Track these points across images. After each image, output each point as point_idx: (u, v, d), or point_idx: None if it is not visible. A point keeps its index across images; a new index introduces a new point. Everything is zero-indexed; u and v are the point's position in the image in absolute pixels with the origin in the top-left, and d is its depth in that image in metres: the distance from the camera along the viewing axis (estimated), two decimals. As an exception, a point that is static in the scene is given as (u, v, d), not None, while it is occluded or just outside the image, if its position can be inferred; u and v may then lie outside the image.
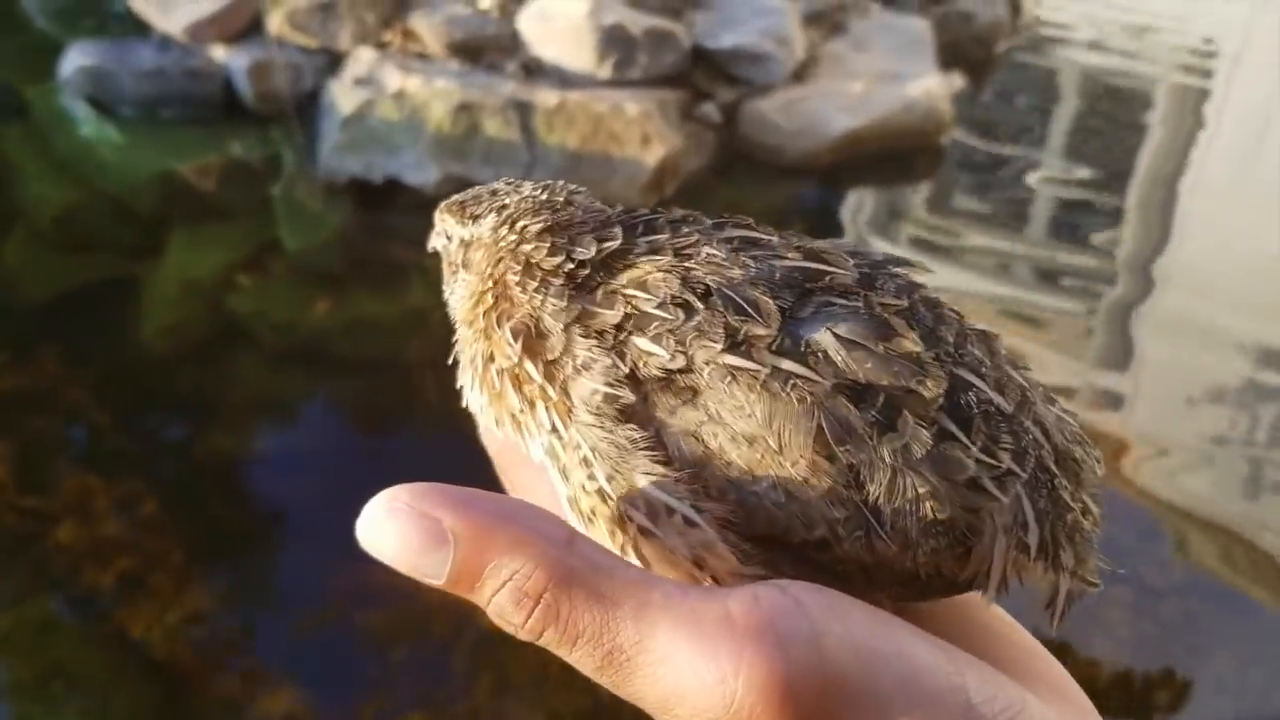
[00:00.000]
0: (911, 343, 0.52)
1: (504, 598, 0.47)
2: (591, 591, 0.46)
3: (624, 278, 0.56)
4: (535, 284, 0.57)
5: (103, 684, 2.76)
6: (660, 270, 0.55)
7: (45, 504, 3.27)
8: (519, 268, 0.58)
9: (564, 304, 0.55)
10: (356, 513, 0.51)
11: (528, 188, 0.63)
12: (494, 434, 0.62)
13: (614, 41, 4.82)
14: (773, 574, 0.52)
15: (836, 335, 0.52)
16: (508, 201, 0.62)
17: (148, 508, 3.32)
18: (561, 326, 0.56)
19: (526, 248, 0.59)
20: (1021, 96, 6.30)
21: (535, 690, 2.62)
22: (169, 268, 4.44)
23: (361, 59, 4.92)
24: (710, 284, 0.53)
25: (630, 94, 4.71)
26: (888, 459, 0.50)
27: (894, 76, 5.33)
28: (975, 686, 0.47)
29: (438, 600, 2.96)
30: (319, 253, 4.59)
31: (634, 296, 0.54)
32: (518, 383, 0.57)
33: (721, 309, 0.53)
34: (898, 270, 0.58)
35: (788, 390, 0.51)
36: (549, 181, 0.64)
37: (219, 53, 5.20)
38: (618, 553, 0.54)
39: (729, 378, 0.51)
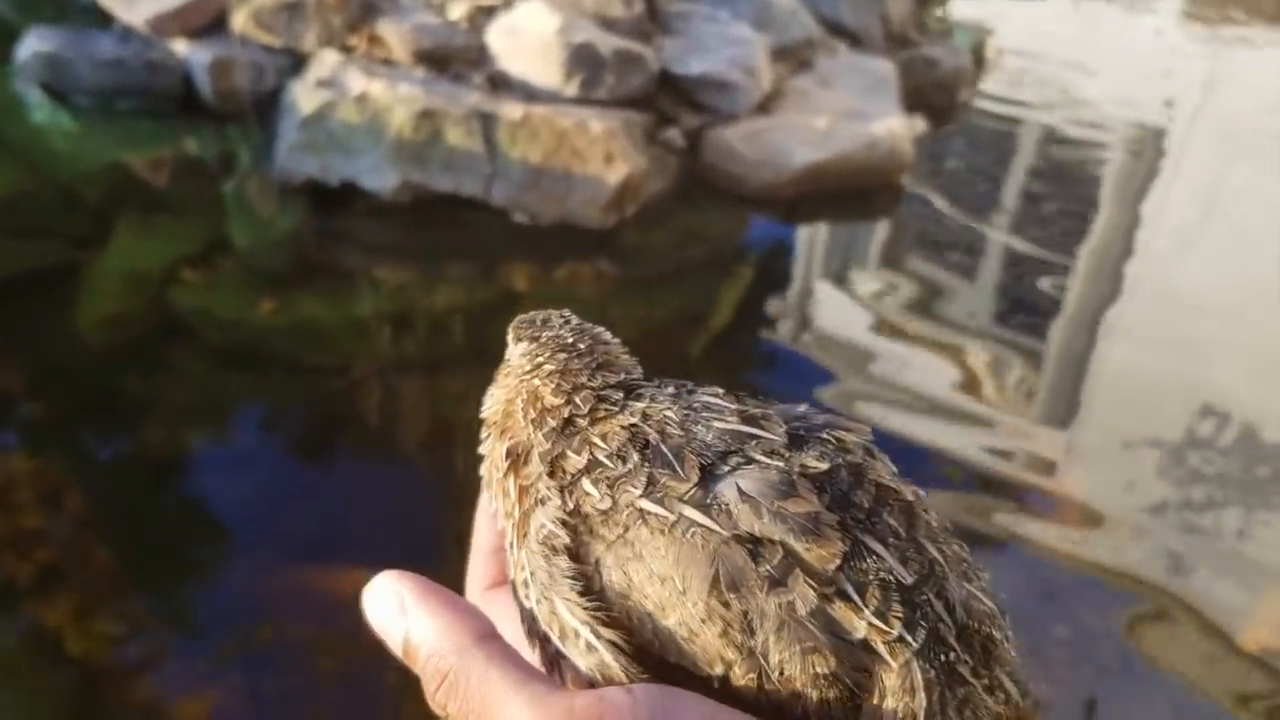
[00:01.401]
0: (809, 504, 0.57)
1: (425, 671, 0.60)
2: (481, 682, 0.57)
3: (598, 428, 0.63)
4: (535, 416, 0.65)
5: (12, 669, 2.66)
6: (622, 426, 0.62)
7: (-36, 491, 3.18)
8: (528, 397, 0.66)
9: (549, 445, 0.63)
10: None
11: (557, 324, 0.71)
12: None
13: (582, 60, 4.80)
14: None
15: (740, 490, 0.57)
16: (542, 335, 0.70)
17: (74, 501, 3.22)
18: (540, 462, 0.63)
19: (536, 383, 0.67)
20: (979, 146, 6.36)
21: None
22: (113, 258, 4.35)
23: (325, 61, 4.86)
24: (651, 440, 0.61)
25: (595, 112, 4.67)
26: (773, 611, 0.55)
27: (858, 114, 5.35)
28: None
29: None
30: (268, 253, 4.51)
31: (596, 445, 0.62)
32: (504, 492, 0.65)
33: (651, 461, 0.59)
34: (833, 435, 0.63)
35: (689, 536, 0.56)
36: (587, 326, 0.72)
37: (180, 46, 5.12)
38: (536, 662, 0.62)
39: (640, 520, 0.58)
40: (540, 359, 0.69)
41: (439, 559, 3.07)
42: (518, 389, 0.68)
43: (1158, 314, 4.55)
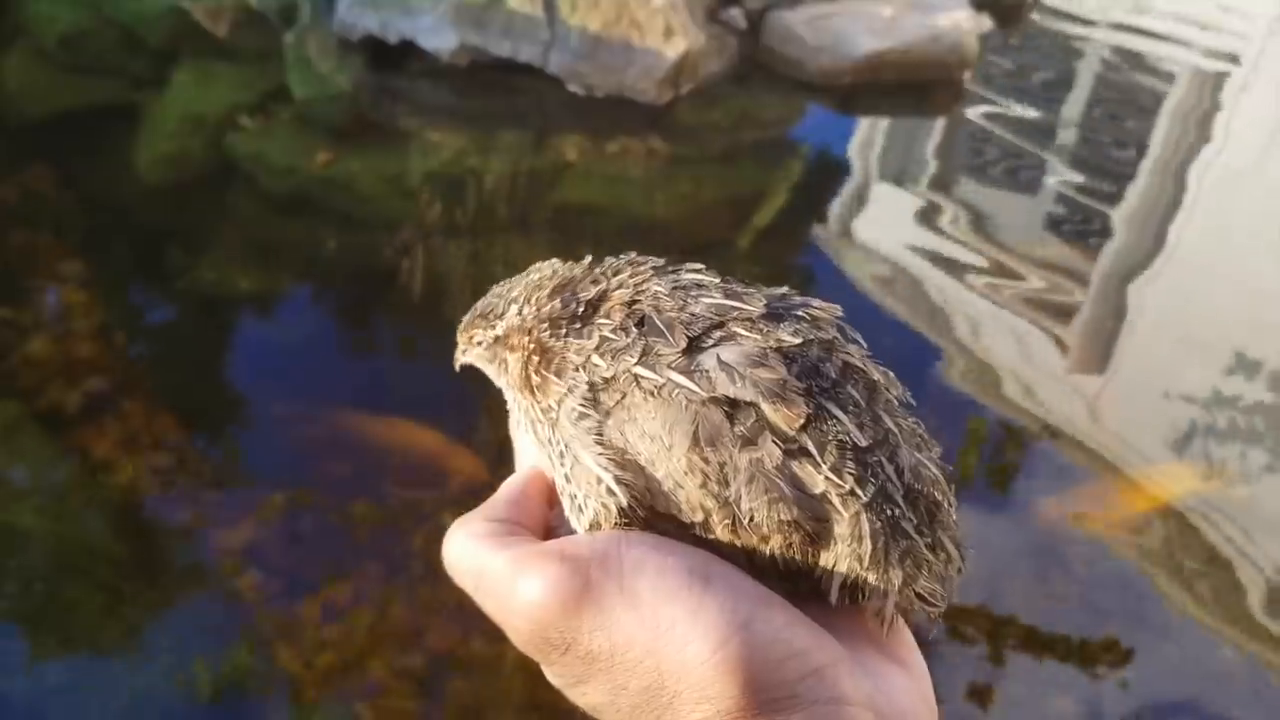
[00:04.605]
0: (778, 372, 0.63)
1: (456, 578, 0.68)
2: (474, 557, 0.66)
3: (601, 311, 0.70)
4: (563, 331, 0.70)
5: (61, 488, 2.76)
6: (621, 303, 0.69)
7: (19, 316, 3.25)
8: (547, 326, 0.72)
9: (582, 340, 0.69)
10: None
11: (520, 280, 0.78)
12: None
13: (649, -69, 4.73)
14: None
15: (719, 359, 0.64)
16: (516, 294, 0.76)
17: (124, 335, 3.30)
18: (569, 359, 0.69)
19: (546, 310, 0.73)
20: (1043, 54, 6.20)
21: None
22: (172, 101, 4.38)
23: (391, -84, 4.81)
24: (646, 314, 0.67)
25: (658, -15, 4.62)
26: (745, 465, 0.62)
27: (924, 5, 5.25)
28: (761, 618, 0.60)
29: (397, 464, 2.97)
30: (325, 106, 4.52)
31: (602, 324, 0.69)
32: (542, 398, 0.71)
33: (646, 333, 0.66)
34: (808, 312, 0.69)
35: (674, 397, 0.63)
36: (533, 266, 0.78)
37: (245, -107, 5.07)
38: (569, 512, 0.70)
39: (634, 384, 0.65)
40: (534, 298, 0.75)
41: (473, 415, 3.14)
42: (530, 335, 0.73)
43: (1205, 255, 4.46)
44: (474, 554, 0.66)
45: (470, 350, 0.81)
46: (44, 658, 2.40)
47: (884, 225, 4.34)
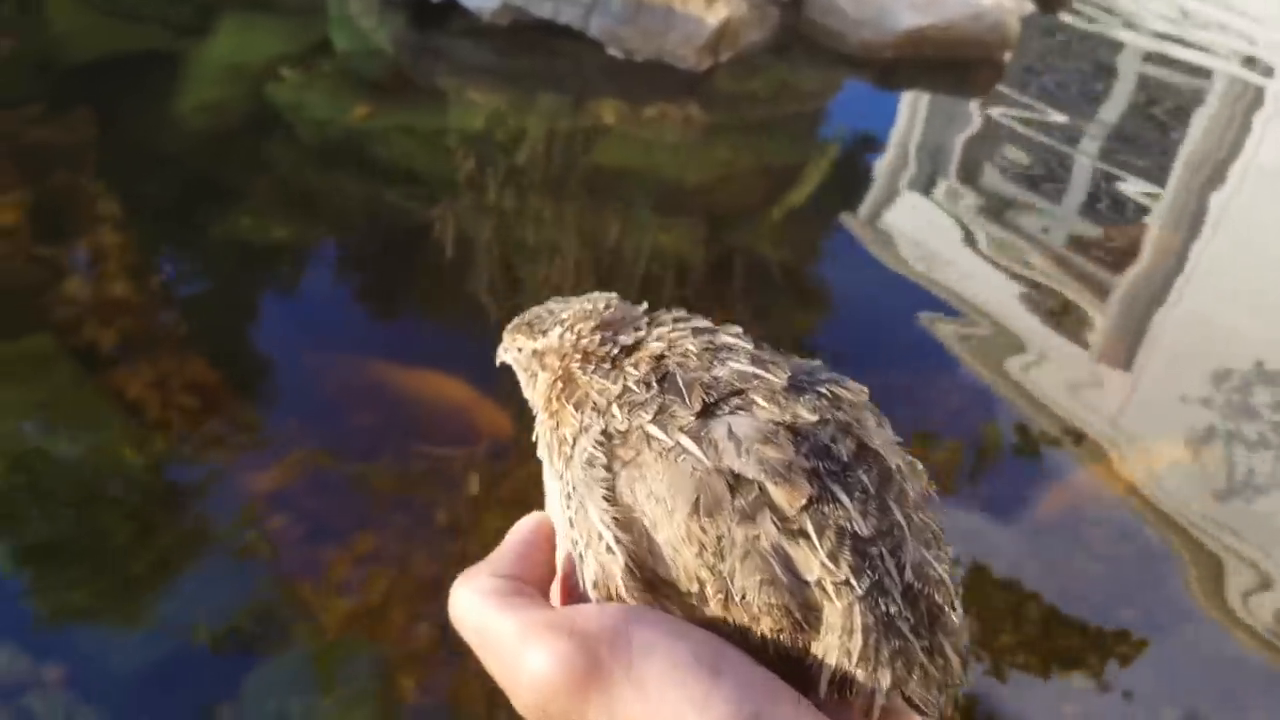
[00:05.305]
0: (785, 451, 0.62)
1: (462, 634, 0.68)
2: (479, 616, 0.66)
3: (632, 358, 0.71)
4: (592, 368, 0.72)
5: (93, 423, 2.80)
6: (650, 355, 0.70)
7: (57, 255, 3.29)
8: (580, 358, 0.73)
9: (606, 383, 0.70)
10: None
11: (577, 304, 0.78)
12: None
13: (695, -103, 4.71)
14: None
15: (730, 429, 0.64)
16: (565, 316, 0.78)
17: (159, 277, 3.33)
18: (589, 398, 0.70)
19: (584, 342, 0.74)
20: (1083, 40, 6.13)
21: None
22: (214, 50, 4.40)
23: (437, -128, 4.81)
24: (670, 370, 0.68)
25: (702, -48, 4.61)
26: (741, 540, 0.61)
27: (970, -17, 5.21)
28: (737, 691, 0.59)
29: (423, 417, 2.99)
30: (366, 60, 4.54)
31: (628, 373, 0.69)
32: (559, 433, 0.73)
33: (666, 390, 0.67)
34: (830, 390, 0.68)
35: (681, 463, 0.63)
36: (591, 295, 0.79)
37: None
38: (577, 564, 0.70)
39: (646, 443, 0.65)
40: (578, 327, 0.76)
41: (501, 370, 3.16)
42: (564, 362, 0.75)
43: (1236, 261, 4.40)
44: (479, 613, 0.66)
45: (510, 352, 0.84)
46: (73, 583, 2.45)
47: (915, 206, 4.32)
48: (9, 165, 3.60)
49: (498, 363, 0.85)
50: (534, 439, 0.77)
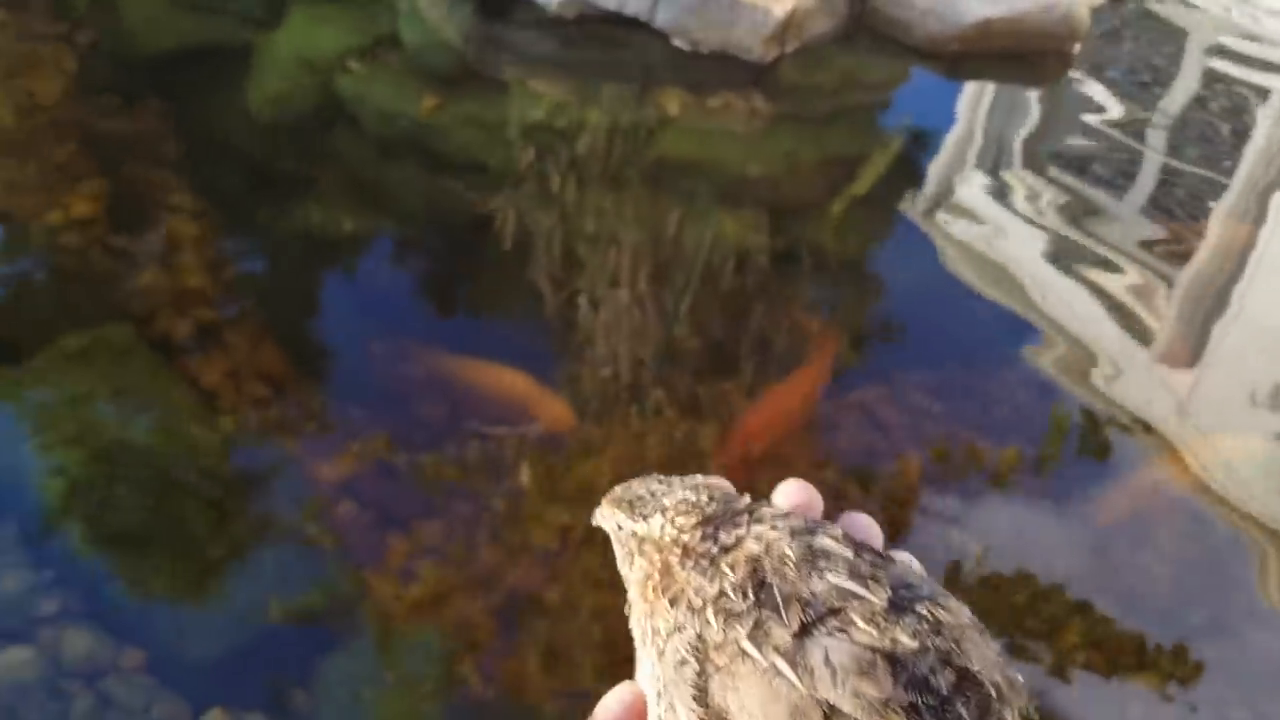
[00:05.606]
0: (883, 687, 0.61)
1: None
2: None
3: (729, 557, 0.70)
4: (691, 563, 0.71)
5: (170, 411, 2.87)
6: (747, 557, 0.69)
7: (133, 246, 3.36)
8: (679, 552, 0.73)
9: (703, 581, 0.70)
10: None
11: (679, 490, 0.78)
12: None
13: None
14: None
15: (827, 654, 0.63)
16: (667, 504, 0.77)
17: (232, 268, 3.40)
18: (685, 596, 0.70)
19: (684, 538, 0.73)
20: (1156, 32, 6.02)
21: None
22: (284, 42, 4.46)
23: None
24: (767, 579, 0.67)
25: (768, -57, 4.59)
26: None
27: (1039, -27, 5.15)
28: None
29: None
30: (433, 53, 4.59)
31: (725, 574, 0.69)
32: (652, 625, 0.73)
33: (763, 603, 0.66)
34: (932, 612, 0.67)
35: (775, 684, 0.62)
36: (694, 482, 0.78)
37: None
38: None
39: (741, 657, 0.64)
40: (679, 520, 0.75)
41: (563, 362, 3.20)
42: (662, 555, 0.75)
43: None
44: None
45: (609, 522, 0.83)
46: (154, 570, 2.51)
47: (978, 199, 4.29)
48: (86, 156, 3.67)
49: (593, 523, 0.85)
50: (626, 609, 0.78)
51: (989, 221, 4.12)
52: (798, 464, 3.00)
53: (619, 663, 2.41)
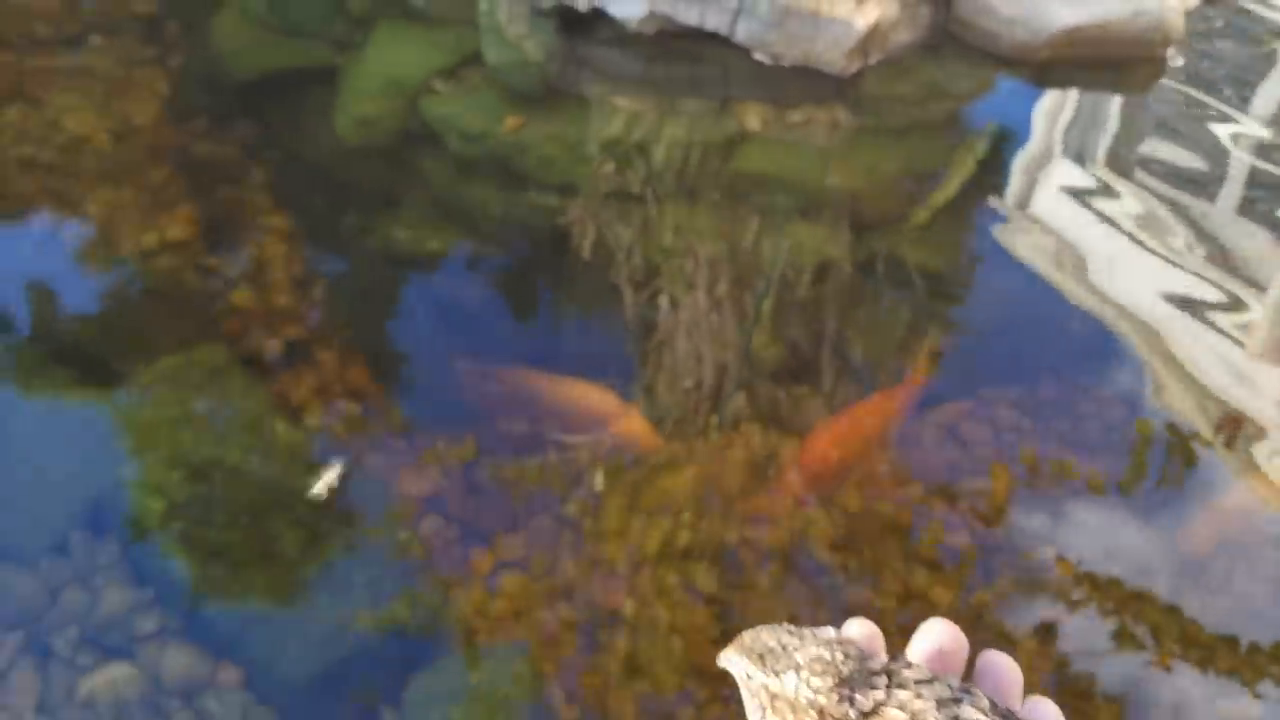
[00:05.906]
0: None
1: None
2: None
3: None
4: None
5: (262, 430, 2.93)
6: None
7: (225, 266, 3.45)
8: (815, 715, 0.71)
9: None
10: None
11: (811, 646, 0.76)
12: None
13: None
14: None
15: None
16: (799, 659, 0.75)
17: (320, 288, 3.46)
18: None
19: (820, 700, 0.72)
20: (1251, 37, 5.88)
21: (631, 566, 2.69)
22: (370, 64, 4.54)
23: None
24: None
25: (849, -45, 4.58)
26: None
27: (1127, -22, 5.06)
28: None
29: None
30: (515, 72, 4.63)
31: None
32: None
33: None
34: None
35: None
36: (827, 637, 0.76)
37: None
38: None
39: None
40: (815, 681, 0.74)
41: (644, 378, 3.21)
42: (797, 715, 0.74)
43: None
44: None
45: (736, 668, 0.82)
46: (248, 587, 2.57)
47: (1064, 209, 4.22)
48: (180, 179, 3.77)
49: (719, 665, 0.83)
50: None
51: (1075, 231, 4.06)
52: (881, 480, 2.98)
53: (701, 677, 2.42)
